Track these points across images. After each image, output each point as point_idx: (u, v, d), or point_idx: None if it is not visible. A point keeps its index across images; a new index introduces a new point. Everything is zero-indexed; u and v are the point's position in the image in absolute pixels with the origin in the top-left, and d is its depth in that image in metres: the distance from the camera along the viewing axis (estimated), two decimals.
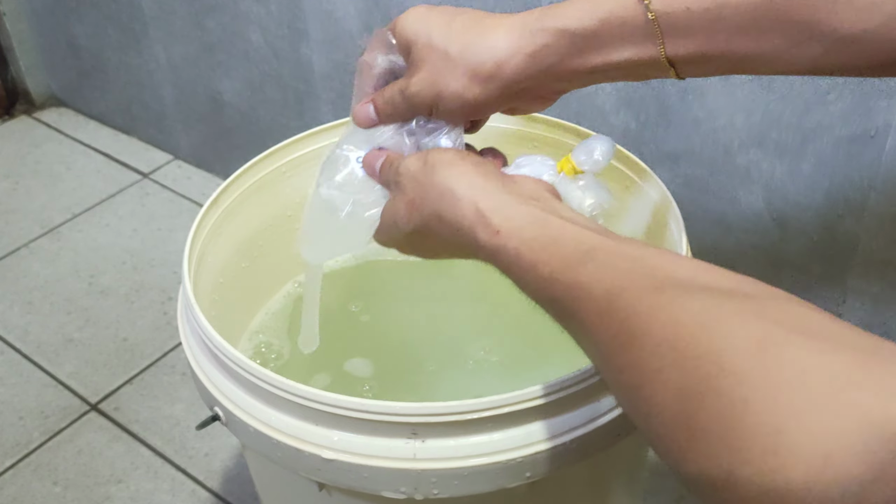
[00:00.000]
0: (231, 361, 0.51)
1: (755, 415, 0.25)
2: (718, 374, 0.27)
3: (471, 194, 0.41)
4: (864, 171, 0.70)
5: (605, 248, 0.35)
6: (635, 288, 0.32)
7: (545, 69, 0.43)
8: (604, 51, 0.42)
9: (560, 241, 0.37)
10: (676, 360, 0.28)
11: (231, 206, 0.65)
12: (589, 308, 0.33)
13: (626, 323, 0.31)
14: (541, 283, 0.37)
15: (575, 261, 0.35)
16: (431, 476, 0.48)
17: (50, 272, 1.12)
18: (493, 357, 0.67)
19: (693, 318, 0.29)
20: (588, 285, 0.34)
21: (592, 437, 0.49)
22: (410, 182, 0.44)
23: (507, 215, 0.39)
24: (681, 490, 0.85)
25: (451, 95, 0.45)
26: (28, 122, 1.40)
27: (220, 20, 1.07)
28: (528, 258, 0.37)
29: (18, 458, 0.90)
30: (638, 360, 0.30)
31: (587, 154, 0.47)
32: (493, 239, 0.39)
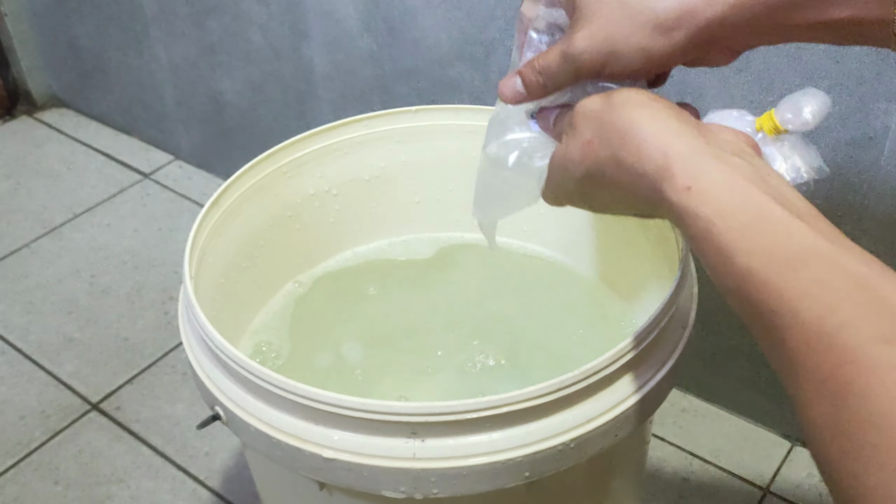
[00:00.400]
0: (232, 361, 0.51)
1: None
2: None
3: (660, 137, 0.34)
4: (863, 173, 0.70)
5: (825, 256, 0.29)
6: (859, 328, 0.26)
7: (746, 22, 0.37)
8: (822, 5, 0.36)
9: (766, 227, 0.30)
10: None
11: (232, 207, 0.65)
12: (793, 332, 0.28)
13: (840, 370, 0.25)
14: (733, 274, 0.30)
15: (784, 262, 0.29)
16: (431, 475, 0.48)
17: (51, 272, 1.12)
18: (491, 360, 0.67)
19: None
20: (796, 302, 0.28)
21: (592, 437, 0.49)
22: (589, 121, 0.38)
23: (702, 169, 0.32)
24: (681, 491, 0.85)
25: (629, 50, 0.38)
26: (29, 123, 1.40)
27: (221, 20, 1.08)
28: (722, 238, 0.31)
29: (20, 457, 0.90)
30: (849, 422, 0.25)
31: (794, 111, 0.39)
32: (683, 197, 0.32)
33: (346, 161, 0.72)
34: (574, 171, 0.39)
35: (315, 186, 0.72)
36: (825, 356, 0.26)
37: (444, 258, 0.75)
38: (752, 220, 0.31)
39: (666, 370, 0.53)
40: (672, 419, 0.90)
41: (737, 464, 0.86)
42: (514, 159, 0.44)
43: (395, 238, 0.77)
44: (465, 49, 0.87)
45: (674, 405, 0.92)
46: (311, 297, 0.72)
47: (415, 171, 0.74)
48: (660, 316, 0.51)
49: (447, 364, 0.67)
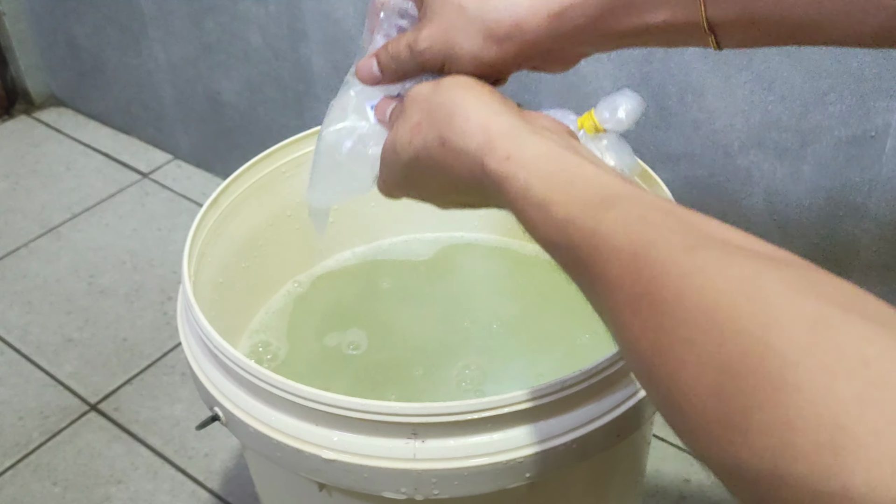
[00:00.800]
0: (231, 361, 0.51)
1: (811, 405, 0.22)
2: (764, 354, 0.23)
3: (483, 116, 0.37)
4: (865, 172, 0.70)
5: (632, 195, 0.31)
6: (666, 243, 0.28)
7: (570, 31, 0.40)
8: (636, 12, 0.39)
9: (579, 181, 0.33)
10: (713, 331, 0.25)
11: (231, 206, 0.65)
12: (609, 260, 0.29)
13: (654, 282, 0.27)
14: (553, 225, 0.33)
15: (596, 205, 0.31)
16: (431, 476, 0.48)
17: (49, 272, 1.12)
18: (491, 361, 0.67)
19: (734, 285, 0.25)
20: (610, 234, 0.30)
21: (592, 438, 0.49)
22: (417, 104, 0.40)
23: (520, 142, 0.35)
24: (681, 491, 0.85)
25: (463, 55, 0.41)
26: (27, 122, 1.40)
27: (220, 20, 1.08)
28: (540, 194, 0.33)
29: (18, 458, 0.90)
30: (666, 326, 0.26)
31: (611, 111, 0.43)
32: (503, 165, 0.35)
33: None
34: (402, 155, 0.41)
35: None
36: (639, 273, 0.28)
37: (443, 258, 0.75)
38: (566, 176, 0.33)
39: None
40: None
41: None
42: (350, 146, 0.45)
43: (394, 238, 0.77)
44: None
45: None
46: (311, 296, 0.72)
47: None
48: None
49: (447, 364, 0.67)
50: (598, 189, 0.32)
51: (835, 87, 0.68)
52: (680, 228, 0.29)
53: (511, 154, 0.35)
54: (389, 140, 0.42)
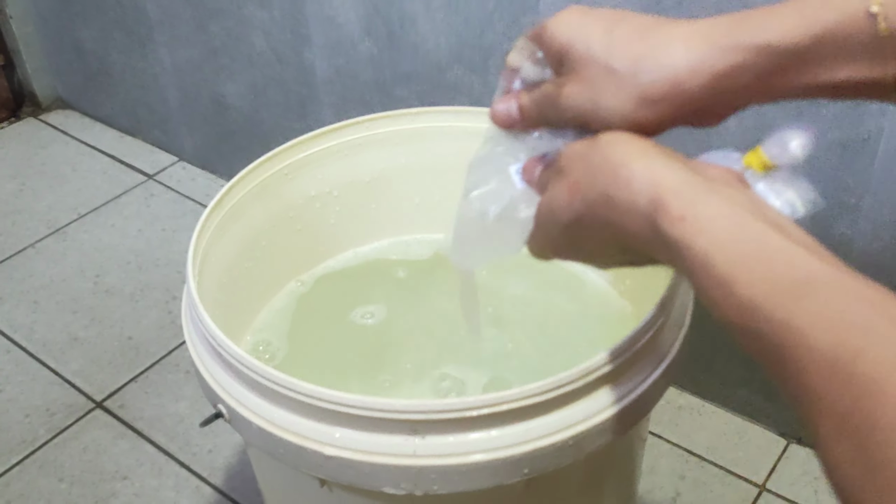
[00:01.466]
0: (234, 359, 0.51)
1: None
2: None
3: (651, 170, 0.33)
4: (858, 174, 0.71)
5: (829, 280, 0.27)
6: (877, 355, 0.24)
7: (736, 89, 0.36)
8: (815, 70, 0.35)
9: (766, 256, 0.29)
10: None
11: (234, 207, 0.65)
12: (806, 363, 0.26)
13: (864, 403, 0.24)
14: (737, 307, 0.29)
15: (788, 291, 0.27)
16: (431, 472, 0.48)
17: (56, 272, 1.13)
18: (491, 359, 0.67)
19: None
20: (807, 332, 0.26)
21: (590, 435, 0.49)
22: (575, 162, 0.37)
23: (695, 200, 0.31)
24: (677, 487, 0.86)
25: (612, 116, 0.37)
26: (34, 124, 1.40)
27: (224, 25, 1.08)
28: (721, 270, 0.29)
29: (24, 454, 0.91)
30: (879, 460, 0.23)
31: (781, 145, 0.38)
32: (676, 227, 0.31)
33: (347, 163, 0.72)
34: (561, 216, 0.38)
35: (316, 188, 0.72)
36: (844, 388, 0.25)
37: (443, 259, 0.76)
38: (750, 249, 0.29)
39: (663, 368, 0.53)
40: (668, 417, 0.91)
41: (733, 461, 0.87)
42: (498, 211, 0.43)
43: (395, 239, 0.77)
44: (463, 53, 0.88)
45: (670, 403, 0.92)
46: (313, 296, 0.73)
47: (415, 172, 0.74)
48: (657, 315, 0.51)
49: (447, 363, 0.67)
50: (789, 269, 0.28)
51: None
52: (891, 332, 0.25)
53: (686, 214, 0.31)
54: (545, 201, 0.39)
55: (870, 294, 0.27)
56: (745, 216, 0.31)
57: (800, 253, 0.29)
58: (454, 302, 0.72)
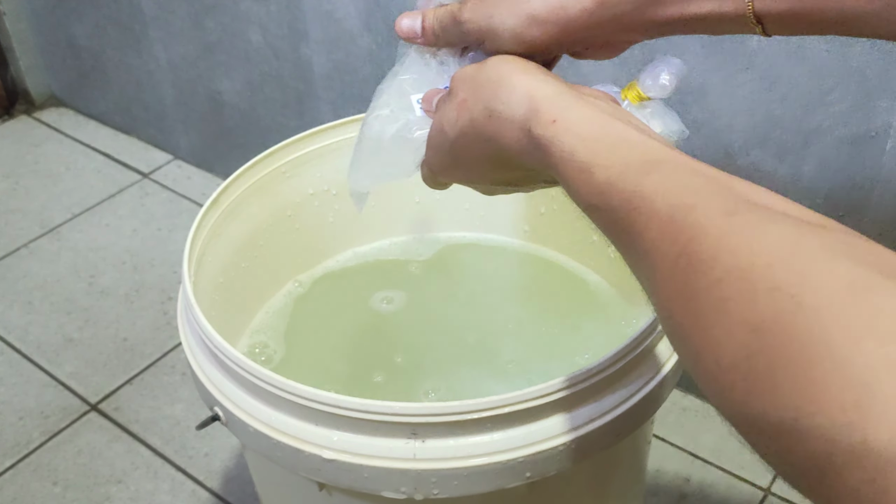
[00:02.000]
0: (231, 361, 0.51)
1: (838, 360, 0.22)
2: (796, 311, 0.24)
3: (529, 84, 0.37)
4: (866, 171, 0.70)
5: (674, 160, 0.32)
6: (705, 207, 0.28)
7: (614, 17, 0.40)
8: (682, 2, 0.39)
9: (622, 144, 0.33)
10: (747, 290, 0.25)
11: (231, 206, 0.65)
12: (649, 223, 0.30)
13: (692, 244, 0.28)
14: (595, 188, 0.33)
15: (638, 168, 0.32)
16: (431, 476, 0.48)
17: (50, 272, 1.12)
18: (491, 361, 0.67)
19: (770, 247, 0.26)
20: (651, 197, 0.30)
21: (593, 437, 0.49)
22: (463, 82, 0.41)
23: (565, 107, 0.36)
24: (682, 490, 0.85)
25: (504, 32, 0.41)
26: (28, 122, 1.40)
27: (220, 20, 1.07)
28: (583, 158, 0.34)
29: (18, 458, 0.90)
30: (700, 286, 0.27)
31: (653, 78, 0.43)
32: (548, 129, 0.35)
33: (346, 160, 0.71)
34: (450, 133, 0.41)
35: (314, 186, 0.71)
36: (678, 235, 0.28)
37: (443, 258, 0.75)
38: (610, 141, 0.34)
39: (667, 370, 0.52)
40: (673, 419, 0.90)
41: (738, 464, 0.86)
42: (394, 131, 0.45)
43: (395, 238, 0.77)
44: None
45: (675, 405, 0.91)
46: (311, 297, 0.72)
47: None
48: None
49: (447, 364, 0.67)
50: (641, 153, 0.32)
51: (837, 87, 0.68)
52: (721, 193, 0.29)
53: (557, 117, 0.35)
54: (436, 121, 0.43)
55: (707, 170, 0.31)
56: (608, 118, 0.35)
57: (653, 143, 0.33)
58: (455, 303, 0.71)
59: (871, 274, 0.24)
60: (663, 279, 0.29)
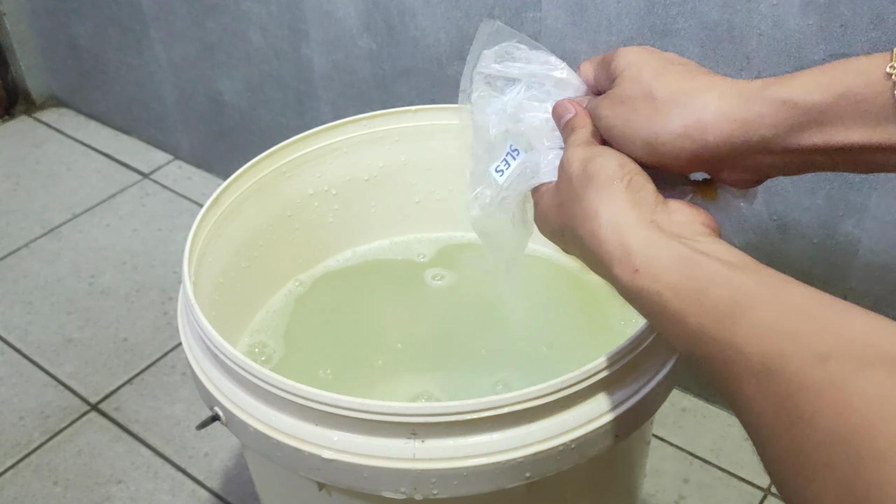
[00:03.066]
0: (231, 361, 0.51)
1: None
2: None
3: (615, 228, 0.37)
4: None
5: (763, 299, 0.31)
6: (798, 356, 0.27)
7: (755, 142, 0.38)
8: (829, 129, 0.37)
9: (711, 287, 0.32)
10: (851, 456, 0.25)
11: (231, 207, 0.65)
12: (745, 375, 0.29)
13: (791, 400, 0.27)
14: (689, 337, 0.32)
15: (727, 315, 0.31)
16: (431, 476, 0.48)
17: (50, 272, 1.12)
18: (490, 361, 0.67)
19: (868, 403, 0.25)
20: (743, 348, 0.30)
21: (592, 438, 0.49)
22: (564, 182, 0.41)
23: (651, 254, 0.35)
24: (680, 491, 0.85)
25: (635, 138, 0.40)
26: (28, 123, 1.40)
27: (221, 20, 1.08)
28: (673, 307, 0.33)
29: (18, 458, 0.90)
30: (805, 448, 0.26)
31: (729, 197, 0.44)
32: (633, 279, 0.35)
33: (346, 161, 0.72)
34: (551, 223, 0.43)
35: (314, 186, 0.71)
36: (774, 391, 0.28)
37: (444, 258, 0.75)
38: (698, 285, 0.33)
39: (666, 370, 0.52)
40: (672, 419, 0.90)
41: (737, 464, 0.86)
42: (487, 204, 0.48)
43: (395, 238, 0.77)
44: (464, 48, 0.87)
45: (674, 405, 0.92)
46: (311, 296, 0.72)
47: (414, 170, 0.74)
48: None
49: (447, 364, 0.67)
50: (731, 294, 0.32)
51: None
52: (813, 335, 0.28)
53: (640, 267, 0.35)
54: (543, 206, 0.44)
55: (798, 304, 0.30)
56: (695, 256, 0.34)
57: (740, 278, 0.32)
58: (454, 303, 0.71)
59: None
60: (768, 435, 0.28)
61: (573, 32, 0.79)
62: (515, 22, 0.82)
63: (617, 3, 0.75)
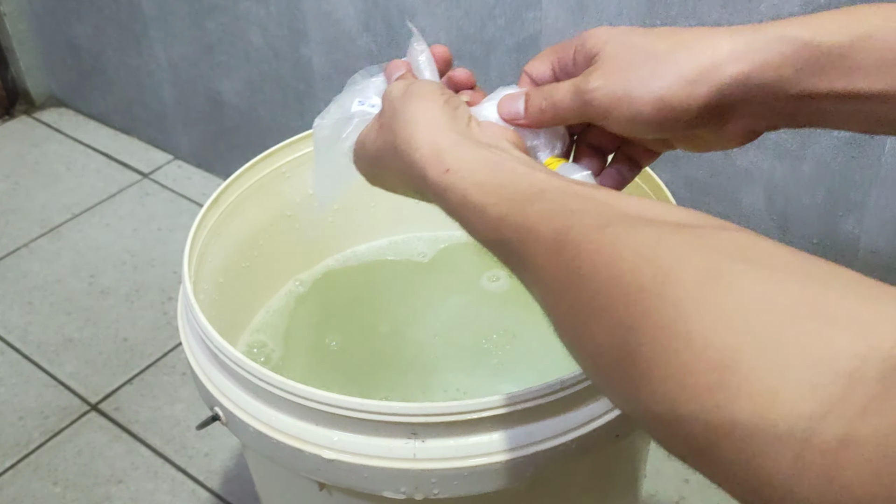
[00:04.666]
0: (231, 361, 0.50)
1: (698, 348, 0.24)
2: (660, 307, 0.25)
3: (429, 131, 0.38)
4: (865, 171, 0.70)
5: (556, 187, 0.33)
6: (582, 226, 0.30)
7: (774, 84, 0.37)
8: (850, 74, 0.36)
9: (511, 183, 0.35)
10: (621, 295, 0.27)
11: (231, 206, 0.65)
12: (537, 249, 0.32)
13: (573, 263, 0.29)
14: (489, 225, 0.35)
15: (524, 201, 0.33)
16: (431, 476, 0.48)
17: (50, 272, 1.12)
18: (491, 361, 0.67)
19: (636, 251, 0.27)
20: (536, 225, 0.32)
21: (593, 438, 0.49)
22: (389, 105, 0.42)
23: (459, 156, 0.37)
24: (680, 491, 0.85)
25: (647, 96, 0.38)
26: (28, 122, 1.40)
27: (220, 21, 1.07)
28: (476, 200, 0.35)
29: (18, 458, 0.90)
30: (584, 299, 0.29)
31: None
32: (443, 177, 0.37)
33: None
34: (369, 148, 0.43)
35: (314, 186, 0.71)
36: (560, 256, 0.30)
37: (443, 258, 0.75)
38: (500, 180, 0.35)
39: None
40: None
41: None
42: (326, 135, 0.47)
43: (394, 237, 0.77)
44: (464, 48, 0.87)
45: None
46: (311, 296, 0.72)
47: None
48: None
49: (447, 364, 0.67)
50: (527, 186, 0.34)
51: None
52: (595, 210, 0.31)
53: (451, 167, 0.37)
54: (364, 130, 0.44)
55: (586, 191, 0.33)
56: (499, 158, 0.36)
57: (538, 175, 0.35)
58: (455, 303, 0.71)
59: (723, 261, 0.25)
60: (554, 299, 0.31)
61: (574, 32, 0.79)
62: (515, 22, 0.82)
63: (618, 3, 0.75)
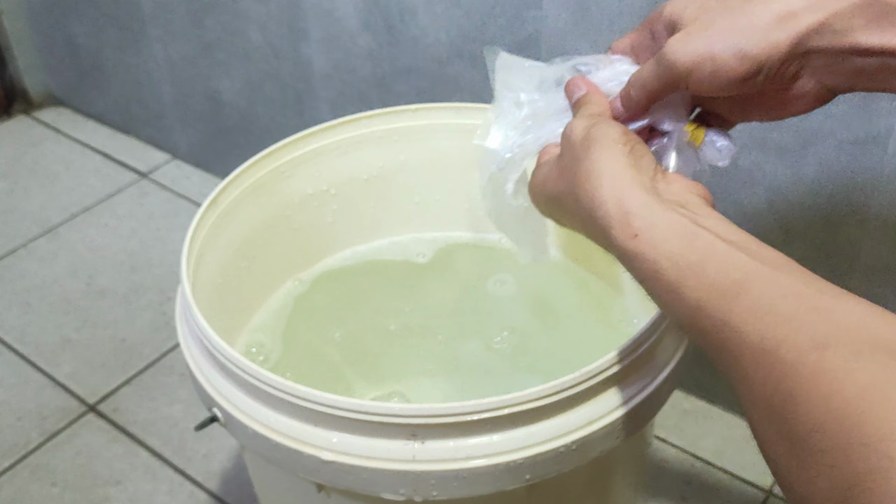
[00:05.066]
0: (229, 362, 0.50)
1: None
2: (889, 470, 0.24)
3: (614, 186, 0.37)
4: (867, 173, 0.70)
5: (761, 278, 0.31)
6: (795, 341, 0.28)
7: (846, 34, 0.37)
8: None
9: (710, 263, 0.32)
10: (843, 442, 0.25)
11: (230, 206, 0.65)
12: (742, 353, 0.30)
13: (785, 384, 0.27)
14: (685, 311, 0.33)
15: (725, 292, 0.31)
16: (431, 478, 0.47)
17: (48, 272, 1.11)
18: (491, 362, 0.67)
19: (861, 391, 0.25)
20: (740, 327, 0.30)
21: (593, 440, 0.49)
22: (568, 148, 0.41)
23: (650, 221, 0.35)
24: (682, 493, 0.85)
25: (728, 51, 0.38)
26: (26, 122, 1.39)
27: (220, 19, 1.07)
28: (669, 277, 0.33)
29: (16, 459, 0.89)
30: (800, 433, 0.27)
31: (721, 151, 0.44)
32: (631, 242, 0.35)
33: (345, 160, 0.71)
34: (550, 189, 0.42)
35: (313, 186, 0.71)
36: (769, 373, 0.28)
37: (443, 258, 0.75)
38: (697, 258, 0.33)
39: (668, 372, 0.52)
40: (674, 421, 0.90)
41: (739, 466, 0.86)
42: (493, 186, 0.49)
43: (394, 238, 0.76)
44: (464, 47, 0.87)
45: (676, 407, 0.91)
46: (311, 296, 0.72)
47: (414, 170, 0.73)
48: (661, 317, 0.51)
49: (446, 365, 0.66)
50: (729, 272, 0.32)
51: None
52: (810, 320, 0.28)
53: (640, 232, 0.35)
54: (543, 173, 0.43)
55: (796, 287, 0.30)
56: (695, 229, 0.34)
57: (740, 256, 0.32)
58: (455, 303, 0.71)
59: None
60: (761, 417, 0.29)
61: (574, 31, 0.79)
62: (516, 21, 0.82)
63: (619, 2, 0.75)
